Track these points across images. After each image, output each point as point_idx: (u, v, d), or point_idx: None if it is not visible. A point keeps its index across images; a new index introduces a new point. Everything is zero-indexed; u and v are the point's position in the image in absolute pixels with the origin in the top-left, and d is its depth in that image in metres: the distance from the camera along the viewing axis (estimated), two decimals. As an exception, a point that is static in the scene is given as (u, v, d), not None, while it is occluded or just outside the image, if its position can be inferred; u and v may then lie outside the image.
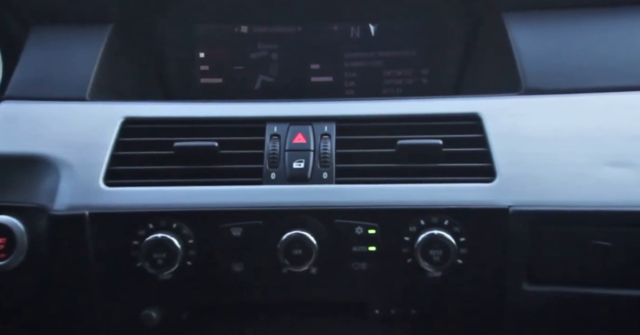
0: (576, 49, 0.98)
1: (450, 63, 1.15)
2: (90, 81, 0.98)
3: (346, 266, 0.84)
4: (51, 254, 0.84)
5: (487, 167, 0.85)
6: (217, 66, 1.17)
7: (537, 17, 1.03)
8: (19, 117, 0.94)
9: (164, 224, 0.83)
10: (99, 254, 0.84)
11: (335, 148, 0.88)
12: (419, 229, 0.82)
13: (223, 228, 0.83)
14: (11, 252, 0.83)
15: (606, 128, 0.88)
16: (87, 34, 1.04)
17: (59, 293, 0.87)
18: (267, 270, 0.84)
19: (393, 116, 0.92)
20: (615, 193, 0.82)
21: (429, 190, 0.84)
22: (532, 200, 0.82)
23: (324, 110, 0.93)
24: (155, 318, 0.88)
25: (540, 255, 0.83)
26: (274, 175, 0.86)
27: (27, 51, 1.03)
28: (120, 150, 0.89)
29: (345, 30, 1.16)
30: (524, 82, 0.96)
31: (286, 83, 1.17)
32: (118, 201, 0.84)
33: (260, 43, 1.16)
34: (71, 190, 0.85)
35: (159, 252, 0.81)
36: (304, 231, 0.82)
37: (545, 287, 0.84)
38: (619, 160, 0.84)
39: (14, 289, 0.86)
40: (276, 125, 0.91)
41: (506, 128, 0.89)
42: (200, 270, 0.84)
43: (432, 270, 0.82)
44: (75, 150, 0.88)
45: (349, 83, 1.17)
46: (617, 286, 0.83)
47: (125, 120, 0.92)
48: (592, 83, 0.94)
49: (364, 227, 0.83)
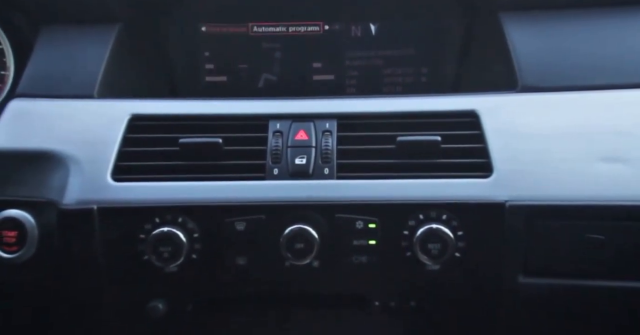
0: (571, 48, 0.99)
1: (448, 62, 1.16)
2: (98, 79, 0.99)
3: (347, 259, 0.85)
4: (61, 247, 0.85)
5: (485, 162, 0.86)
6: (221, 65, 1.18)
7: (534, 16, 1.03)
8: (30, 114, 0.95)
9: (169, 218, 0.84)
10: (107, 247, 0.85)
11: (336, 144, 0.89)
12: (418, 223, 0.83)
13: (227, 222, 0.84)
14: (23, 245, 0.85)
15: (600, 125, 0.89)
16: (96, 34, 1.05)
17: (67, 285, 0.88)
18: (269, 264, 0.85)
19: (393, 113, 0.93)
20: (608, 188, 0.83)
21: (428, 186, 0.85)
22: (528, 195, 0.83)
23: (326, 108, 0.94)
24: (162, 309, 0.89)
25: (536, 248, 0.84)
26: (276, 170, 0.87)
27: (38, 50, 1.04)
28: (127, 147, 0.90)
29: (346, 30, 1.17)
30: (520, 80, 0.96)
31: (289, 81, 1.19)
32: (125, 196, 0.85)
33: (264, 42, 1.18)
34: (80, 185, 0.86)
35: (165, 245, 0.83)
36: (306, 225, 0.83)
37: (540, 279, 0.85)
38: (613, 156, 0.85)
39: (24, 281, 0.88)
40: (279, 122, 0.92)
41: (503, 125, 0.89)
42: (205, 263, 0.85)
43: (430, 263, 0.83)
44: (84, 147, 0.89)
45: (350, 81, 1.18)
46: (611, 278, 0.84)
47: (132, 117, 0.93)
48: (586, 81, 0.95)
49: (365, 222, 0.84)
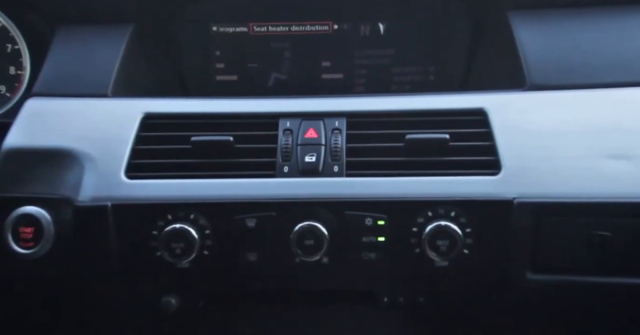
0: (579, 46, 0.99)
1: (456, 60, 1.16)
2: (112, 78, 1.00)
3: (356, 256, 0.85)
4: (76, 243, 0.87)
5: (493, 160, 0.87)
6: (232, 64, 1.19)
7: (542, 15, 1.03)
8: (46, 113, 0.96)
9: (182, 215, 0.85)
10: (121, 243, 0.86)
11: (345, 142, 0.90)
12: (426, 220, 0.84)
13: (238, 219, 0.85)
14: (39, 241, 0.86)
15: (608, 122, 0.89)
16: (109, 34, 1.06)
17: (82, 280, 0.90)
18: (280, 260, 0.86)
19: (401, 111, 0.93)
20: (616, 185, 0.83)
21: (437, 183, 0.85)
22: (536, 192, 0.84)
23: (335, 106, 0.94)
24: (175, 304, 0.90)
25: (544, 245, 0.84)
26: (286, 168, 0.88)
27: (54, 50, 1.05)
28: (140, 145, 0.91)
29: (355, 29, 1.17)
30: (528, 79, 0.96)
31: (298, 80, 1.19)
32: (138, 193, 0.87)
33: (273, 42, 1.18)
34: (94, 183, 0.87)
35: (177, 241, 0.84)
36: (316, 222, 0.83)
37: (548, 276, 0.85)
38: (621, 154, 0.85)
39: (40, 276, 0.89)
40: (289, 121, 0.92)
41: (511, 123, 0.90)
42: (217, 259, 0.86)
43: (439, 260, 0.84)
44: (98, 145, 0.90)
45: (359, 80, 1.19)
46: (618, 275, 0.84)
47: (145, 115, 0.94)
48: (594, 79, 0.95)
49: (374, 219, 0.84)
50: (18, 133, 0.93)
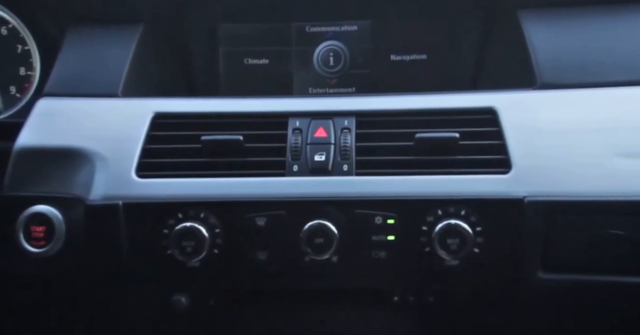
0: (590, 45, 0.99)
1: (466, 59, 1.16)
2: (123, 78, 1.01)
3: (366, 254, 0.86)
4: (87, 242, 0.87)
5: (503, 159, 0.87)
6: (239, 63, 1.18)
7: (552, 14, 1.03)
8: (57, 112, 0.97)
9: (192, 214, 0.86)
10: (132, 242, 0.87)
11: (355, 141, 0.90)
12: (436, 219, 0.84)
13: (248, 218, 0.85)
14: (50, 239, 0.86)
15: (619, 121, 0.89)
16: (120, 34, 1.07)
17: (93, 278, 0.90)
18: (290, 258, 0.86)
19: (411, 110, 0.93)
20: (627, 183, 0.83)
21: (447, 182, 0.85)
22: (547, 191, 0.84)
23: (344, 105, 0.95)
24: (185, 303, 0.91)
25: (554, 243, 0.84)
26: (296, 167, 0.88)
27: (64, 51, 1.06)
28: (150, 144, 0.92)
29: (364, 28, 1.18)
30: (539, 77, 0.96)
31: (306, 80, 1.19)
32: (149, 192, 0.87)
33: (280, 41, 1.18)
34: (105, 182, 0.88)
35: (188, 240, 0.84)
36: (326, 221, 0.83)
37: (560, 275, 0.85)
38: (632, 152, 0.85)
39: (51, 274, 0.90)
40: (298, 120, 0.92)
41: (521, 121, 0.89)
42: (227, 258, 0.87)
43: (449, 259, 0.84)
44: (109, 144, 0.91)
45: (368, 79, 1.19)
46: (631, 274, 0.84)
47: (155, 115, 0.94)
48: (605, 78, 0.95)
49: (383, 217, 0.85)
50: (30, 133, 0.94)
